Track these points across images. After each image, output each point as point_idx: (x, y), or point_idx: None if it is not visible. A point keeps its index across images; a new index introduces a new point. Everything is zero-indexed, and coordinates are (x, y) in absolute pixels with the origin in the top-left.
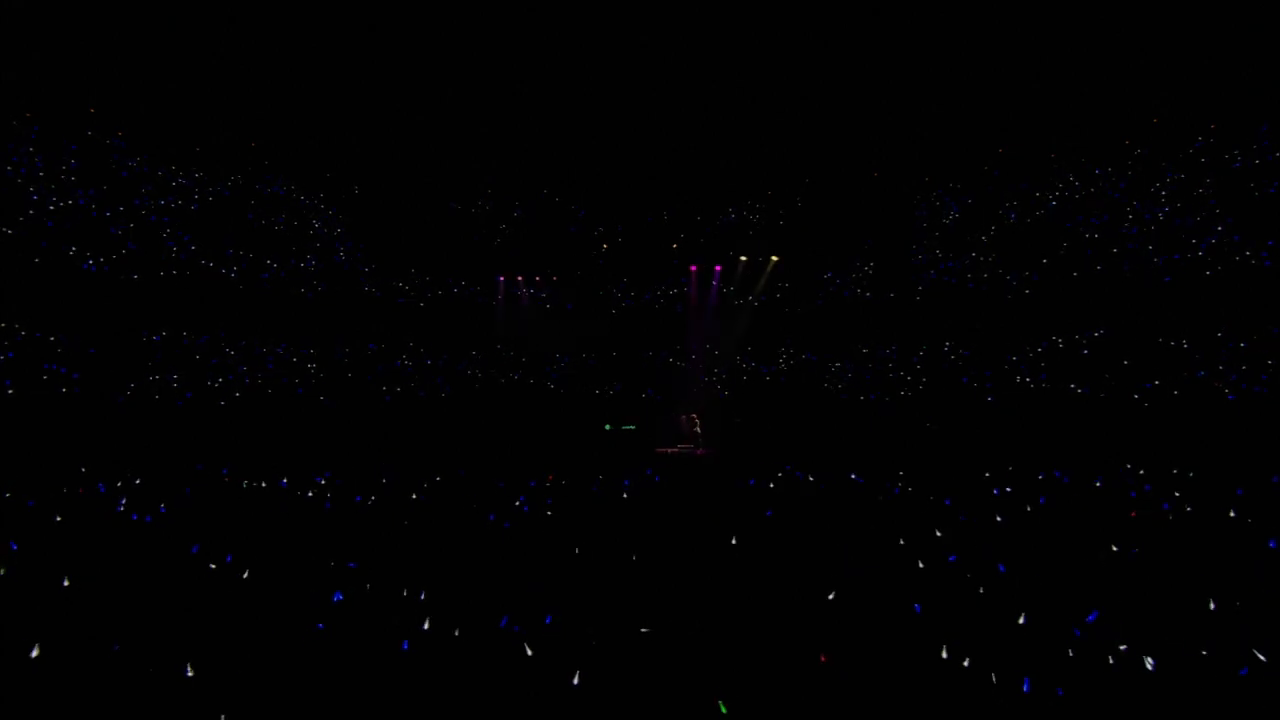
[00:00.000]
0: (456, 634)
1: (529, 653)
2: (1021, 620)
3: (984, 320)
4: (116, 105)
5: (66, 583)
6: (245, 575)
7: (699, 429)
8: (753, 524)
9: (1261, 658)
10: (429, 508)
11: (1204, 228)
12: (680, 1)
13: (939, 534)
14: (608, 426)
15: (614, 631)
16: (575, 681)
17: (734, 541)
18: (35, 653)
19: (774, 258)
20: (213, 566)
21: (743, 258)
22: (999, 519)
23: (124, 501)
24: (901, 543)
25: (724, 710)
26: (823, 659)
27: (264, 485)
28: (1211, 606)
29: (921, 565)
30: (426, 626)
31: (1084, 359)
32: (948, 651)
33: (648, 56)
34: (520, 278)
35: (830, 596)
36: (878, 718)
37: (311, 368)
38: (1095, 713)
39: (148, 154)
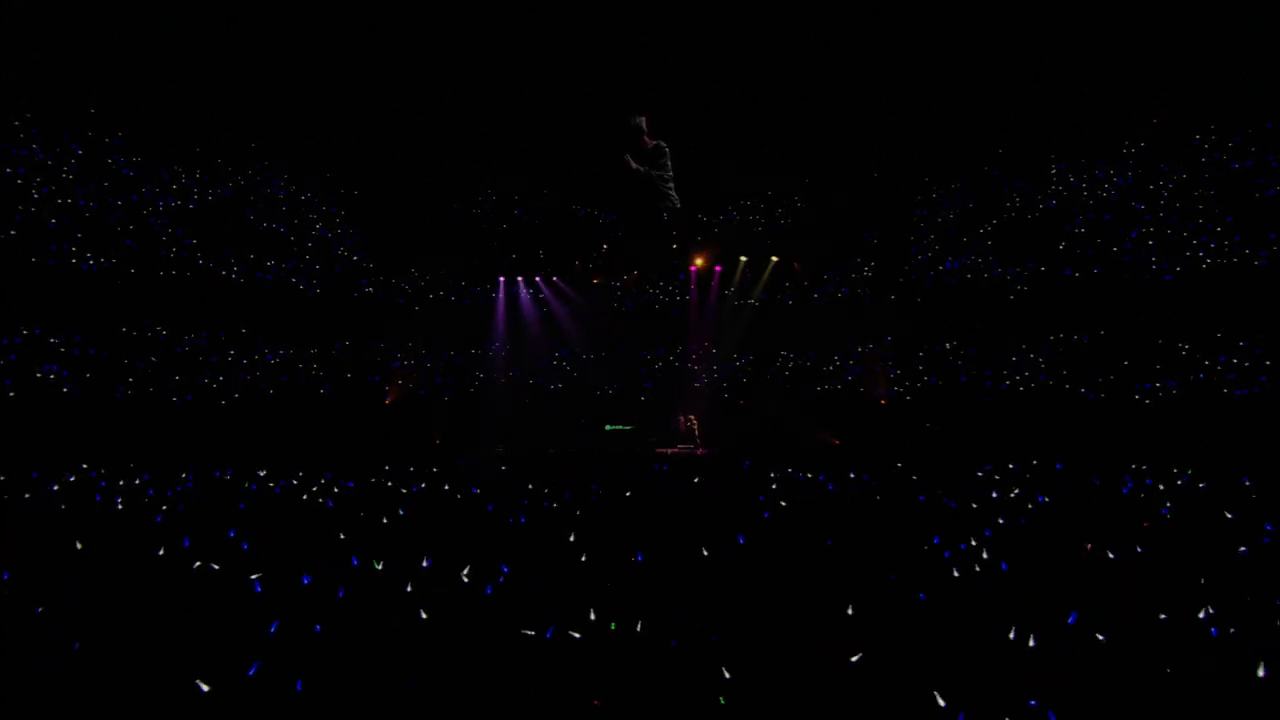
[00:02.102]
0: (454, 634)
1: (527, 652)
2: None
3: (984, 320)
4: (116, 105)
5: (63, 583)
6: (246, 574)
7: (697, 431)
8: (751, 524)
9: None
10: (427, 506)
11: (1204, 228)
12: (680, 2)
13: (939, 531)
14: (608, 427)
15: (611, 630)
16: (573, 680)
17: (738, 541)
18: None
19: (774, 258)
20: (211, 565)
21: (743, 258)
22: (1001, 520)
23: (120, 500)
24: (903, 531)
25: (722, 701)
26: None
27: (262, 483)
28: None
29: (921, 563)
30: (424, 624)
31: (1084, 359)
32: (947, 653)
33: (647, 56)
34: (520, 278)
35: (828, 594)
36: (876, 715)
37: (314, 368)
38: (1094, 711)
39: (147, 154)
